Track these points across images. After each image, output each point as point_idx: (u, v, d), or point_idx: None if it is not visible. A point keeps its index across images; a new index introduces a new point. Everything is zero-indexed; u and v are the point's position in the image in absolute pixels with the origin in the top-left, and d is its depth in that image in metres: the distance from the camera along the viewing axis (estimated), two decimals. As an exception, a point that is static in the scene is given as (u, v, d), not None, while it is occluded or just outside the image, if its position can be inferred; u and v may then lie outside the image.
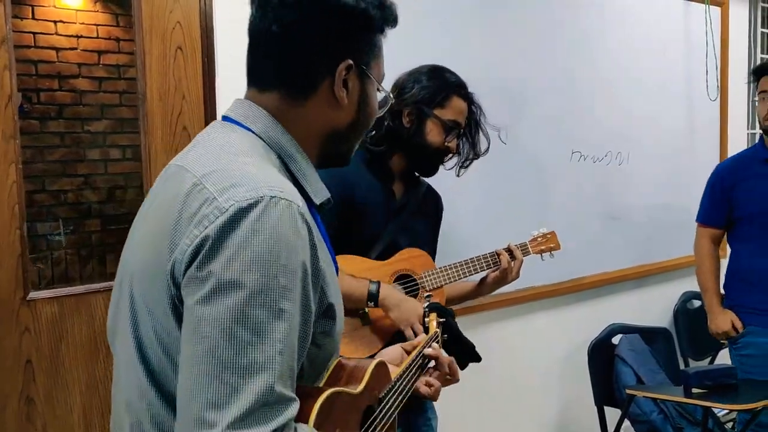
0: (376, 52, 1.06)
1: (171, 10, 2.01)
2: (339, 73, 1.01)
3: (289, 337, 0.85)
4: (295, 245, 0.87)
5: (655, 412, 2.90)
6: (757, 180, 2.69)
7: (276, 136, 1.01)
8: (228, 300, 0.83)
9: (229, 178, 0.90)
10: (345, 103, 1.03)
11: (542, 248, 2.28)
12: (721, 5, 3.67)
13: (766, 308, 2.68)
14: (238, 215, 0.85)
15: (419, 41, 2.50)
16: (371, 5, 1.02)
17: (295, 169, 1.01)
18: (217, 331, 0.82)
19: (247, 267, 0.83)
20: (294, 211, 0.88)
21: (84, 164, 4.43)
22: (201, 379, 0.82)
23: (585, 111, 3.09)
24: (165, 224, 0.92)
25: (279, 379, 0.83)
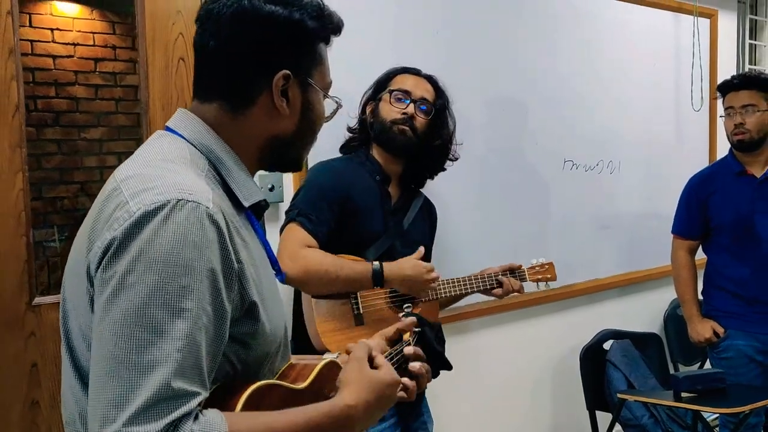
0: (318, 61, 1.10)
1: (174, 22, 2.05)
2: (276, 83, 1.04)
3: (190, 336, 0.87)
4: (200, 246, 0.90)
5: (646, 416, 2.95)
6: (729, 192, 2.76)
7: (206, 142, 1.04)
8: (127, 300, 0.86)
9: (142, 182, 0.94)
10: (286, 112, 1.07)
11: (539, 277, 2.32)
12: (710, 17, 3.74)
13: (743, 312, 2.75)
14: (144, 218, 0.89)
15: (411, 52, 2.55)
16: (307, 16, 1.06)
17: (225, 173, 1.05)
18: (117, 331, 0.86)
19: (147, 268, 0.87)
20: (201, 213, 0.91)
21: (80, 171, 4.45)
22: (104, 379, 0.85)
23: (578, 120, 3.14)
24: (87, 226, 0.97)
25: (177, 376, 0.85)
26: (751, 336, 2.74)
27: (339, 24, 1.13)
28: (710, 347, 2.84)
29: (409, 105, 2.04)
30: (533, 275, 2.31)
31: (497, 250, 2.85)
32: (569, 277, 3.14)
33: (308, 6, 1.06)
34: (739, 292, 2.76)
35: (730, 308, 2.78)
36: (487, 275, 2.20)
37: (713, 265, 2.86)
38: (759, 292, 2.72)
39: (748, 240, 2.72)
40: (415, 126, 2.04)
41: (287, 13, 1.04)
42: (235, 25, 1.03)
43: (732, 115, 2.71)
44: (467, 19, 2.73)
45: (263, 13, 1.03)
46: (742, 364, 2.74)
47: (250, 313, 0.99)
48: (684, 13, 3.57)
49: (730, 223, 2.76)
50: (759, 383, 2.74)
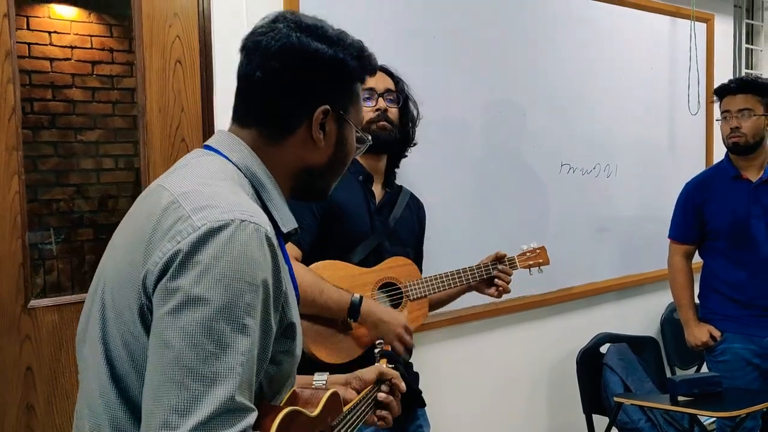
0: (354, 99, 1.14)
1: (170, 25, 2.05)
2: (316, 117, 1.08)
3: (250, 351, 0.91)
4: (260, 266, 0.93)
5: (643, 419, 2.95)
6: (725, 196, 2.76)
7: (251, 166, 1.08)
8: (195, 313, 0.88)
9: (203, 199, 0.96)
10: (322, 144, 1.11)
11: (530, 263, 2.27)
12: (707, 21, 3.75)
13: (740, 315, 2.75)
14: (210, 234, 0.92)
15: (409, 57, 2.55)
16: (349, 56, 1.10)
17: (266, 198, 1.08)
18: (184, 342, 0.88)
19: (214, 283, 0.89)
20: (261, 235, 0.94)
21: (76, 174, 4.44)
22: (166, 386, 0.87)
23: (574, 124, 3.14)
24: (141, 236, 0.98)
25: (239, 390, 0.89)
26: (748, 339, 2.74)
27: (375, 66, 1.18)
28: (707, 351, 2.84)
29: (378, 100, 2.02)
30: (524, 262, 2.25)
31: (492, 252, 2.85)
32: (566, 280, 3.14)
33: (351, 47, 1.11)
34: (735, 295, 2.77)
35: (727, 312, 2.79)
36: (477, 267, 2.15)
37: (709, 269, 2.87)
38: (755, 296, 2.73)
39: (744, 244, 2.73)
40: (390, 118, 2.04)
41: (332, 52, 1.08)
42: (282, 58, 1.06)
43: (728, 119, 2.72)
44: (465, 24, 2.73)
45: (310, 50, 1.07)
46: (739, 368, 2.75)
47: (287, 333, 1.03)
48: (681, 18, 3.58)
49: (726, 227, 2.76)
50: (756, 386, 2.74)
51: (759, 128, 2.69)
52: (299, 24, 1.09)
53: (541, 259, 2.28)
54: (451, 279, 2.10)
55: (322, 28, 1.10)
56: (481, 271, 2.14)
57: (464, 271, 2.12)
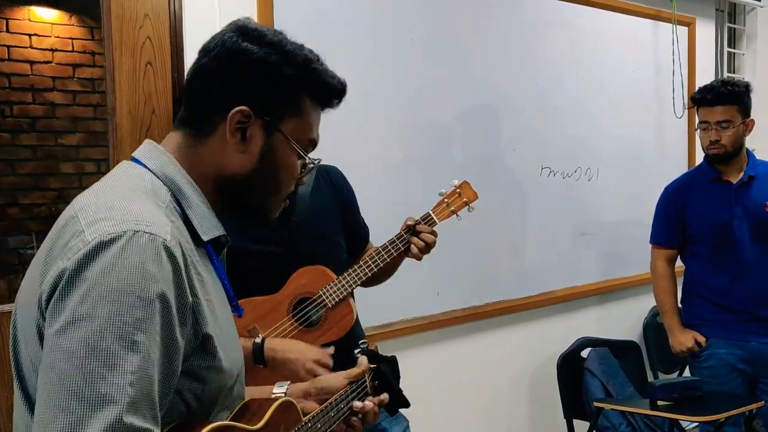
0: (295, 112, 1.08)
1: (141, 26, 2.02)
2: (231, 116, 1.03)
3: (142, 369, 0.86)
4: (156, 279, 0.89)
5: (624, 424, 2.93)
6: (706, 199, 2.75)
7: (169, 173, 1.04)
8: (80, 332, 0.84)
9: (100, 211, 0.93)
10: (239, 148, 1.05)
11: (452, 209, 1.97)
12: (689, 25, 3.75)
13: (725, 320, 2.73)
14: (98, 249, 0.88)
15: (386, 61, 2.54)
16: (287, 62, 1.05)
17: (186, 206, 1.03)
18: (68, 363, 0.84)
19: (101, 299, 0.85)
20: (157, 245, 0.90)
21: (57, 178, 4.40)
22: (52, 410, 0.83)
23: (555, 127, 3.14)
24: (42, 253, 0.95)
25: (130, 411, 0.84)
26: (734, 344, 2.72)
27: (336, 89, 1.12)
28: (692, 357, 2.82)
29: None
30: (444, 211, 1.96)
31: (475, 257, 2.84)
32: (548, 284, 3.13)
33: (292, 54, 1.06)
34: (719, 300, 2.75)
35: (711, 316, 2.77)
36: (390, 243, 1.90)
37: (692, 274, 2.85)
38: (740, 299, 2.71)
39: (727, 247, 2.71)
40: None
41: (262, 54, 1.04)
42: (213, 56, 1.05)
43: (707, 130, 2.70)
44: (443, 28, 2.72)
45: (238, 49, 1.04)
46: (724, 373, 2.73)
47: (204, 347, 0.98)
48: (662, 21, 3.58)
49: (708, 230, 2.75)
50: (741, 392, 2.72)
51: (738, 137, 2.68)
52: (242, 28, 1.07)
53: (466, 196, 1.99)
54: (366, 267, 1.88)
55: (263, 33, 1.06)
56: (396, 246, 1.90)
57: (378, 254, 1.89)
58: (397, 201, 2.52)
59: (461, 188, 1.99)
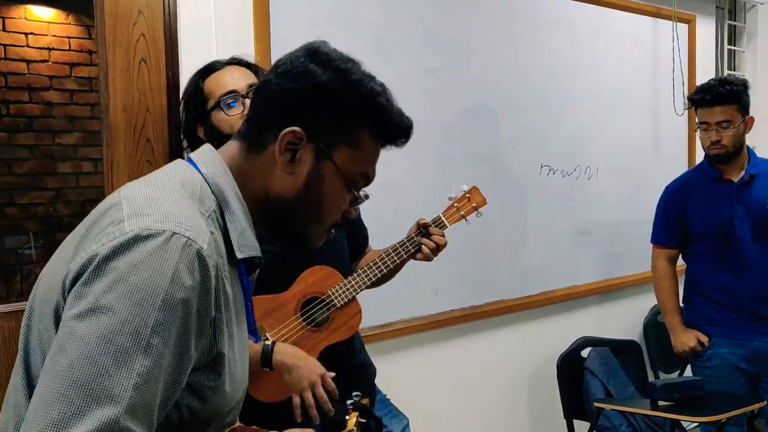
0: (350, 142, 1.05)
1: (135, 23, 2.00)
2: (283, 135, 1.01)
3: (150, 374, 0.84)
4: (183, 284, 0.87)
5: (624, 424, 2.91)
6: (707, 198, 2.73)
7: (219, 182, 1.02)
8: (99, 323, 0.83)
9: (144, 205, 0.92)
10: (287, 169, 1.03)
11: (462, 213, 2.01)
12: (689, 22, 3.73)
13: (727, 319, 2.71)
14: (134, 241, 0.87)
15: (382, 62, 2.51)
16: (351, 91, 1.03)
17: (228, 218, 1.01)
18: (80, 351, 0.82)
19: (126, 294, 0.84)
20: (191, 252, 0.88)
21: (55, 177, 4.38)
22: (52, 396, 0.81)
23: (554, 125, 3.11)
24: (77, 233, 0.94)
25: (128, 413, 0.82)
26: (736, 344, 2.69)
27: (399, 127, 1.08)
28: (694, 356, 2.80)
29: (242, 101, 1.77)
30: (454, 215, 2.00)
31: (474, 256, 2.82)
32: (547, 283, 3.11)
33: (357, 83, 1.04)
34: (721, 299, 2.73)
35: (713, 316, 2.75)
36: (400, 245, 1.92)
37: (693, 273, 2.83)
38: (742, 299, 2.69)
39: (728, 246, 2.69)
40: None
41: (325, 78, 1.02)
42: (280, 73, 1.04)
43: (707, 131, 2.67)
44: (442, 26, 2.70)
45: (303, 69, 1.03)
46: (727, 373, 2.70)
47: (214, 365, 0.96)
48: (662, 19, 3.56)
49: (709, 229, 2.73)
50: (743, 391, 2.70)
51: (738, 136, 2.65)
52: (313, 49, 1.05)
53: (475, 201, 2.03)
54: (376, 268, 1.90)
55: (332, 57, 1.04)
56: (406, 248, 1.92)
57: (387, 256, 1.91)
58: (395, 200, 2.50)
59: (470, 193, 2.02)
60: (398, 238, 1.94)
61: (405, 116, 1.09)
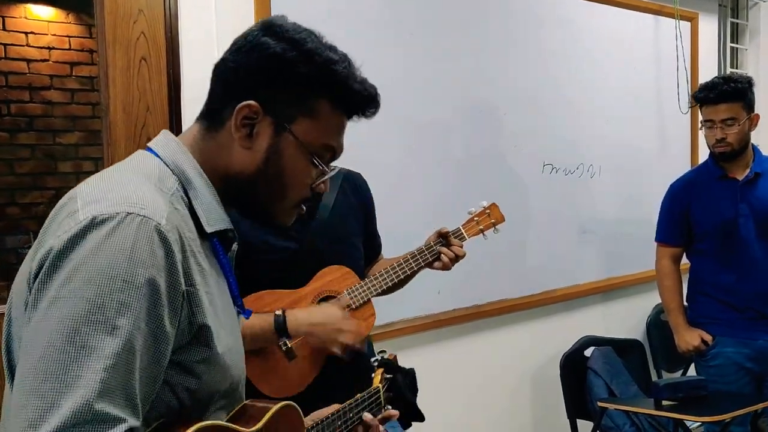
0: (309, 113, 1.02)
1: (135, 21, 1.99)
2: (238, 110, 1.00)
3: (121, 355, 0.83)
4: (145, 263, 0.86)
5: (627, 424, 2.90)
6: (712, 197, 2.71)
7: (178, 161, 1.01)
8: (61, 313, 0.82)
9: (97, 193, 0.92)
10: (245, 144, 1.01)
11: (481, 227, 2.04)
12: (691, 20, 3.71)
13: (732, 318, 2.70)
14: (88, 228, 0.86)
15: (384, 59, 2.50)
16: (304, 61, 1.00)
17: (193, 196, 1.00)
18: (45, 345, 0.81)
19: (85, 282, 0.83)
20: (150, 229, 0.87)
21: (55, 177, 4.38)
22: (26, 394, 0.81)
23: (557, 124, 3.10)
24: (41, 232, 0.94)
25: (102, 397, 0.81)
26: (741, 343, 2.68)
27: (360, 95, 1.05)
28: (698, 356, 2.78)
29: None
30: (473, 228, 2.02)
31: (476, 255, 2.80)
32: (550, 282, 3.10)
33: (312, 52, 1.01)
34: (725, 298, 2.71)
35: (718, 315, 2.73)
36: (419, 252, 1.92)
37: (697, 272, 2.82)
38: (746, 298, 2.67)
39: (733, 245, 2.68)
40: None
41: (278, 49, 1.00)
42: (235, 49, 1.03)
43: (712, 128, 2.66)
44: (444, 23, 2.68)
45: (257, 43, 1.01)
46: (731, 372, 2.69)
47: (200, 339, 0.94)
48: (665, 16, 3.55)
49: (713, 228, 2.71)
50: (748, 391, 2.68)
51: (744, 134, 2.64)
52: (267, 22, 1.04)
53: (494, 218, 2.05)
54: (393, 273, 1.91)
55: (285, 29, 1.02)
56: (425, 256, 1.93)
57: (405, 262, 1.92)
58: (397, 199, 2.49)
59: (490, 209, 2.05)
60: (398, 236, 1.93)
61: (368, 84, 1.06)
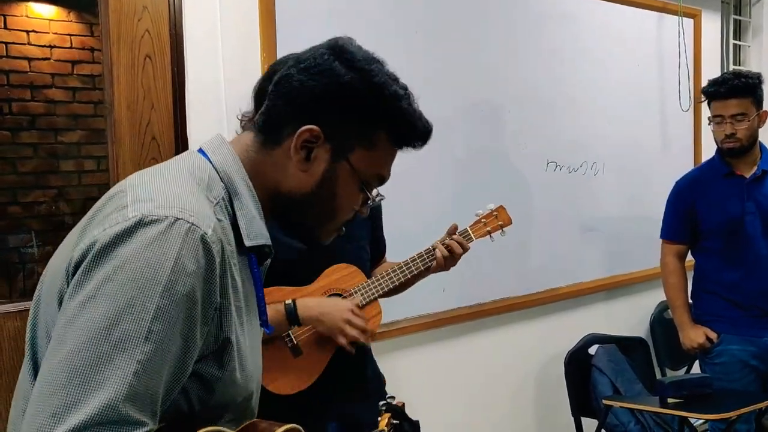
0: (367, 144, 1.03)
1: (139, 18, 1.98)
2: (300, 133, 1.00)
3: (152, 360, 0.83)
4: (185, 270, 0.86)
5: (632, 422, 2.89)
6: (718, 194, 2.70)
7: (229, 171, 1.01)
8: (99, 309, 0.82)
9: (148, 192, 0.91)
10: (302, 167, 1.01)
11: (488, 229, 2.06)
12: (694, 17, 3.71)
13: (737, 316, 2.69)
14: (136, 227, 0.86)
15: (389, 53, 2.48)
16: (371, 94, 1.00)
17: (237, 206, 1.00)
18: (80, 339, 0.81)
19: (127, 281, 0.83)
20: (195, 237, 0.87)
21: (57, 176, 4.37)
22: (52, 385, 0.80)
23: (561, 121, 3.09)
24: (83, 221, 0.94)
25: (127, 400, 0.80)
26: (746, 340, 2.68)
27: (419, 131, 1.06)
28: (703, 353, 2.78)
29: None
30: (480, 230, 2.04)
31: (480, 253, 2.79)
32: (553, 280, 3.09)
33: (380, 86, 1.01)
34: (731, 296, 2.71)
35: (723, 312, 2.73)
36: (426, 252, 1.95)
37: (703, 269, 2.81)
38: (752, 295, 2.67)
39: (739, 242, 2.67)
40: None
41: (348, 78, 0.99)
42: (302, 68, 1.01)
43: (721, 124, 2.64)
44: (447, 19, 2.68)
45: (326, 67, 1.00)
46: (736, 370, 2.69)
47: (221, 352, 0.94)
48: (668, 13, 3.54)
49: (719, 225, 2.70)
50: (753, 388, 2.68)
51: (753, 130, 2.63)
52: (337, 46, 1.02)
53: (501, 220, 2.08)
54: (400, 272, 1.94)
55: (355, 57, 1.01)
56: (432, 255, 1.95)
57: (413, 261, 1.95)
58: (399, 198, 2.48)
59: (498, 212, 2.07)
60: (400, 235, 1.94)
61: (425, 120, 1.08)
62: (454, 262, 1.97)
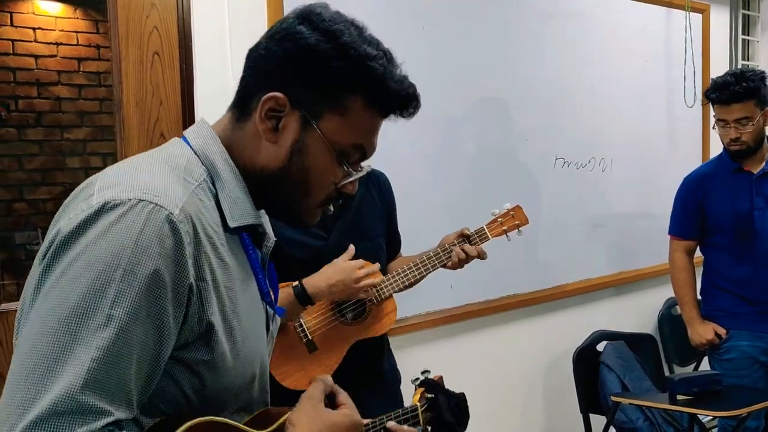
0: (337, 109, 0.96)
1: (148, 15, 1.97)
2: (264, 101, 0.95)
3: (115, 345, 0.80)
4: (149, 252, 0.83)
5: (641, 419, 2.88)
6: (726, 190, 2.68)
7: (208, 152, 0.98)
8: (57, 299, 0.81)
9: (115, 178, 0.89)
10: (270, 138, 0.97)
11: (505, 228, 2.03)
12: (702, 12, 3.68)
13: (746, 312, 2.68)
14: (99, 213, 0.84)
15: (397, 50, 2.48)
16: (340, 55, 0.94)
17: (219, 188, 0.97)
18: (40, 331, 0.80)
19: (86, 267, 0.81)
20: (159, 218, 0.84)
21: (63, 172, 4.37)
22: (16, 379, 0.79)
23: (569, 118, 3.08)
24: (57, 214, 0.92)
25: (87, 388, 0.78)
26: (756, 336, 2.66)
27: (397, 94, 0.98)
28: (711, 349, 2.76)
29: None
30: (497, 229, 2.02)
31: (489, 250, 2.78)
32: (561, 277, 3.08)
33: (347, 46, 0.95)
34: (740, 292, 2.69)
35: (732, 308, 2.71)
36: (442, 250, 1.93)
37: (712, 265, 2.79)
38: (762, 291, 2.65)
39: (747, 238, 2.65)
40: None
41: (312, 40, 0.94)
42: (268, 36, 0.99)
43: (726, 128, 2.62)
44: (455, 17, 2.66)
45: (291, 31, 0.96)
46: (745, 366, 2.67)
47: (205, 339, 0.90)
48: (675, 9, 3.52)
49: (728, 221, 2.68)
50: (763, 384, 2.67)
51: (759, 131, 2.60)
52: (305, 10, 0.98)
53: (518, 219, 2.05)
54: (416, 270, 1.92)
55: (322, 18, 0.96)
56: (447, 253, 1.93)
57: (428, 259, 1.93)
58: (408, 195, 2.47)
59: (514, 211, 2.05)
60: (408, 231, 1.94)
61: (406, 83, 1.00)
62: (466, 262, 1.97)
